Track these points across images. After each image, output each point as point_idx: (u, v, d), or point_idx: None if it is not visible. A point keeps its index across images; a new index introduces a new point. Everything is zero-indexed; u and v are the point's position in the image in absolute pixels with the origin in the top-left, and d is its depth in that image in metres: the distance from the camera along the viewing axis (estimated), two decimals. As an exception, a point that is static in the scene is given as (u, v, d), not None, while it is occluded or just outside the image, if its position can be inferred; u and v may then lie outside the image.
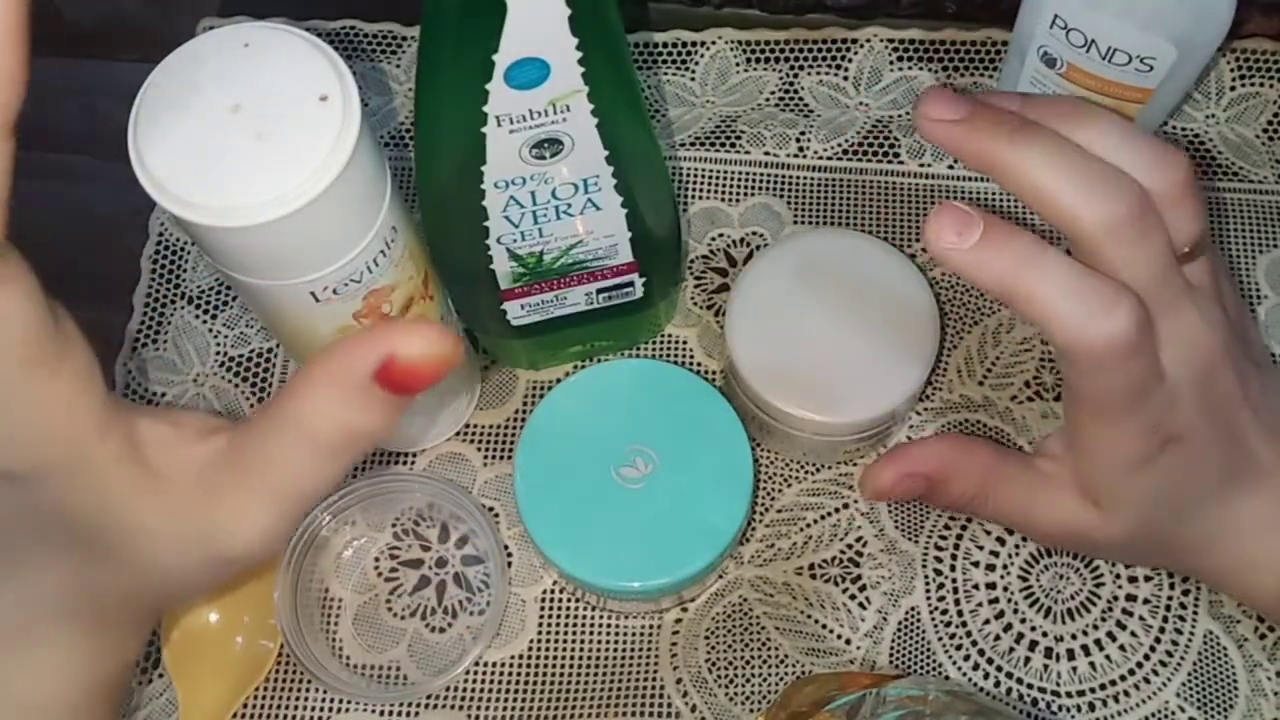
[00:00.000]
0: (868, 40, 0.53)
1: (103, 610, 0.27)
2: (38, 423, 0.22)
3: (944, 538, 0.45)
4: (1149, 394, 0.33)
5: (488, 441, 0.47)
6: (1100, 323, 0.31)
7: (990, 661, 0.44)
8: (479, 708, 0.43)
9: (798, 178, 0.51)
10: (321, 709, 0.43)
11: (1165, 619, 0.44)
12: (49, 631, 0.27)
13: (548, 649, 0.44)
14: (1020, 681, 0.43)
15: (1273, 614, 0.38)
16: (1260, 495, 0.37)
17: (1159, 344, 0.33)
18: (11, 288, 0.21)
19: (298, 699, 0.43)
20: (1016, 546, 0.45)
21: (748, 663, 0.44)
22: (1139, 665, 0.43)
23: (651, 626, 0.44)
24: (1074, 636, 0.44)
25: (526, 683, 0.44)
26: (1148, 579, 0.44)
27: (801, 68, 0.53)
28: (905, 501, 0.45)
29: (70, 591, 0.26)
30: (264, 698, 0.43)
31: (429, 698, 0.43)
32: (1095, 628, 0.44)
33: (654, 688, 0.43)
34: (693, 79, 0.53)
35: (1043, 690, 0.43)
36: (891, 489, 0.39)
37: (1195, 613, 0.44)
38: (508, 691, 0.44)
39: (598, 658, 0.44)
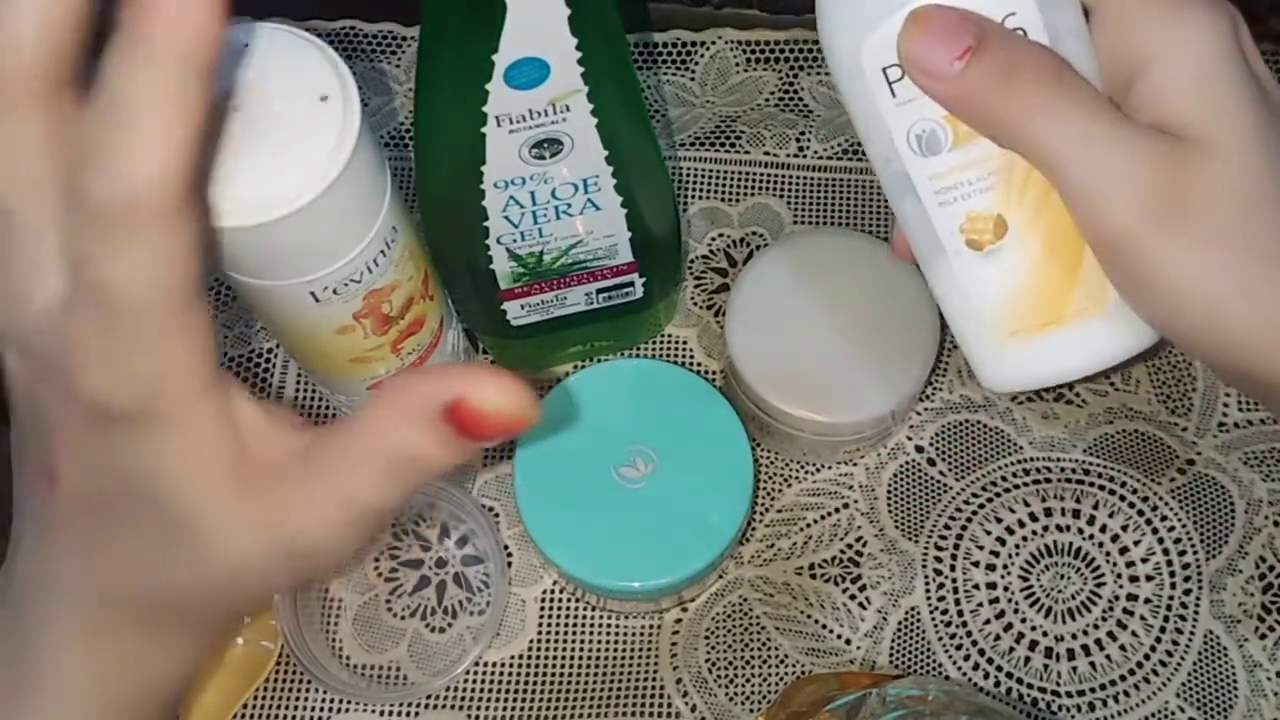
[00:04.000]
0: (868, 40, 0.53)
1: (163, 607, 0.27)
2: (161, 364, 0.23)
3: (944, 538, 0.45)
4: None
5: (488, 441, 0.47)
6: None
7: (990, 661, 0.44)
8: (479, 708, 0.43)
9: (798, 178, 0.51)
10: (321, 709, 0.43)
11: (1166, 619, 0.44)
12: (106, 619, 0.27)
13: (548, 649, 0.44)
14: (1020, 681, 0.43)
15: None
16: None
17: None
18: (184, 229, 0.22)
19: (298, 699, 0.43)
20: (1016, 546, 0.45)
21: (748, 663, 0.44)
22: (1139, 665, 0.43)
23: (651, 626, 0.44)
24: (1074, 636, 0.44)
25: (526, 683, 0.44)
26: (1149, 579, 0.44)
27: (801, 68, 0.53)
28: (905, 498, 0.46)
29: (137, 579, 0.26)
30: (264, 698, 0.43)
31: (429, 698, 0.43)
32: (1095, 628, 0.44)
33: (654, 688, 0.43)
34: (693, 79, 0.53)
35: (1043, 690, 0.43)
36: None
37: (1196, 613, 0.44)
38: (508, 691, 0.44)
39: (598, 658, 0.44)
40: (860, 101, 0.29)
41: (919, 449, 0.47)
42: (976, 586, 0.45)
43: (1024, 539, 0.45)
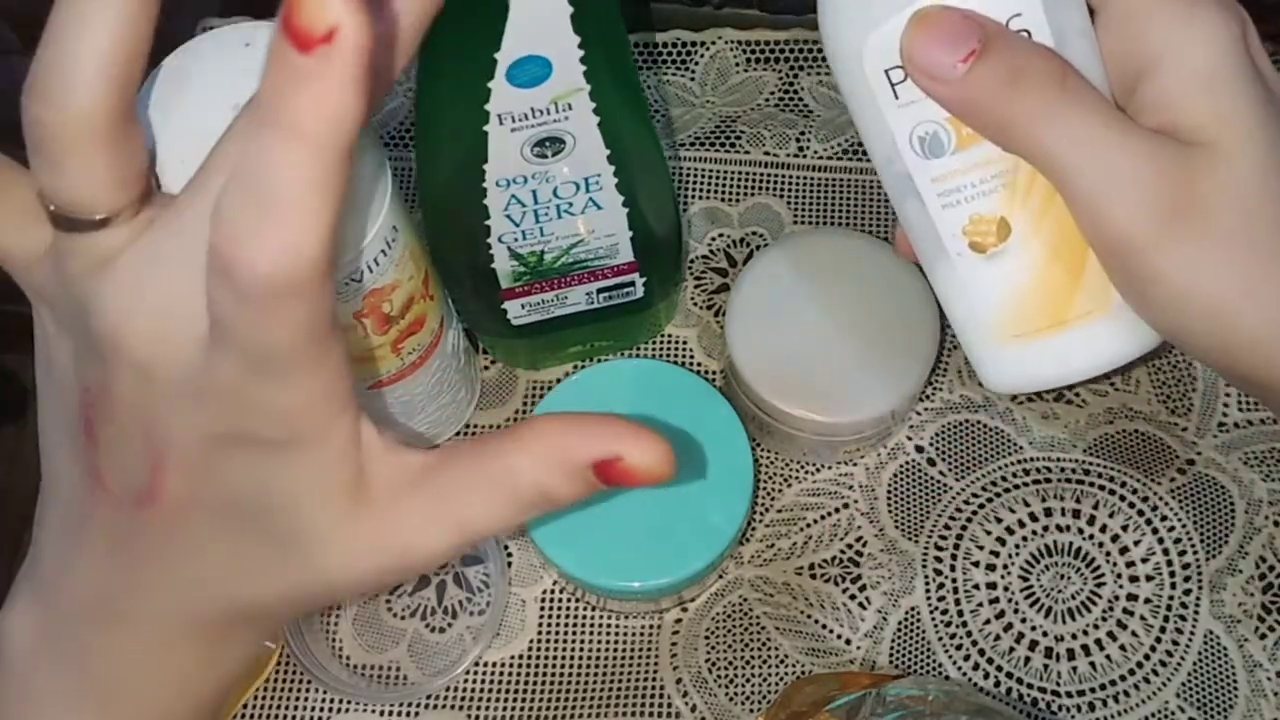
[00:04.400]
0: (868, 40, 0.53)
1: (245, 614, 0.27)
2: (304, 395, 0.23)
3: (944, 538, 0.45)
4: None
5: (488, 441, 0.47)
6: None
7: (990, 661, 0.44)
8: (479, 708, 0.43)
9: (798, 178, 0.51)
10: (321, 709, 0.43)
11: (1166, 619, 0.44)
12: (180, 629, 0.26)
13: (548, 649, 0.44)
14: (1020, 681, 0.43)
15: None
16: None
17: None
18: (326, 287, 0.22)
19: (298, 699, 0.43)
20: (1016, 546, 0.45)
21: (748, 663, 0.44)
22: (1139, 665, 0.43)
23: (651, 626, 0.44)
24: (1074, 636, 0.44)
25: (526, 683, 0.44)
26: (1149, 579, 0.44)
27: (801, 68, 0.53)
28: (905, 497, 0.46)
29: (229, 587, 0.26)
30: (264, 698, 0.43)
31: (429, 698, 0.43)
32: (1095, 628, 0.44)
33: (654, 688, 0.43)
34: (693, 79, 0.53)
35: (1043, 690, 0.43)
36: None
37: (1196, 613, 0.44)
38: (508, 691, 0.44)
39: (598, 658, 0.44)
40: (862, 102, 0.29)
41: (919, 449, 0.47)
42: (976, 586, 0.45)
43: (1024, 539, 0.45)
